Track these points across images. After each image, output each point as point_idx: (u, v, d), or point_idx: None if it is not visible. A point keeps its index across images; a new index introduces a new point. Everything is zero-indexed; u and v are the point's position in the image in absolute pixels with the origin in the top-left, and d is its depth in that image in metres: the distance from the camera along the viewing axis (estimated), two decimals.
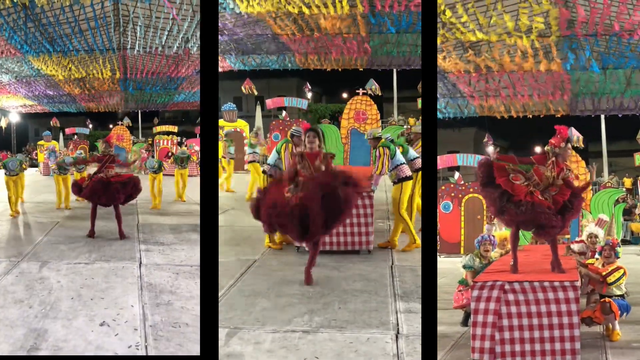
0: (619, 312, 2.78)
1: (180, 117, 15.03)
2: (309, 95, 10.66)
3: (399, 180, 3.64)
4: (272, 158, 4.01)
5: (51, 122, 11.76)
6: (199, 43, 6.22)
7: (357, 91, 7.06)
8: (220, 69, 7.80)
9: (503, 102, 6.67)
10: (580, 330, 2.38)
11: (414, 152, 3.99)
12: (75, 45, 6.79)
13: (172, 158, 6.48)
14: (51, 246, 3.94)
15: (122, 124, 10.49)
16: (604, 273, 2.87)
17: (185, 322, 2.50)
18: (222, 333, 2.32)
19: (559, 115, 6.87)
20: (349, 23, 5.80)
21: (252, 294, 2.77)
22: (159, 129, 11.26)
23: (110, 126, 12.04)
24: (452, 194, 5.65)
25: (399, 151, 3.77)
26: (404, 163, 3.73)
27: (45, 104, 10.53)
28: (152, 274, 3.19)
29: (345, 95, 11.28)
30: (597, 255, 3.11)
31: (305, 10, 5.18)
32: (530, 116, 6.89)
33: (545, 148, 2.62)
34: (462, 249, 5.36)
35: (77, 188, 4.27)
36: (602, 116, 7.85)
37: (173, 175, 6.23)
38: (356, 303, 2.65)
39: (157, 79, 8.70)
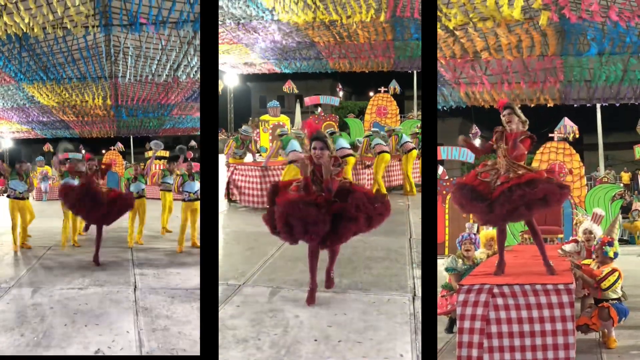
0: (617, 317, 2.63)
1: (171, 142, 15.85)
2: (341, 94, 12.87)
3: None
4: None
5: (44, 148, 12.04)
6: (193, 64, 6.57)
7: (379, 90, 8.43)
8: (266, 71, 8.78)
9: (490, 90, 6.48)
10: (575, 337, 2.24)
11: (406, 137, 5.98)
12: (68, 74, 6.98)
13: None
14: (44, 271, 3.89)
15: (114, 149, 10.93)
16: (598, 277, 2.71)
17: (183, 348, 2.49)
18: (266, 291, 2.76)
19: (550, 105, 6.64)
20: (377, 31, 6.23)
21: (292, 259, 3.23)
22: (150, 153, 11.50)
23: (103, 151, 12.36)
24: None
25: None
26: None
27: (38, 130, 10.77)
28: (148, 298, 3.21)
29: (371, 93, 12.67)
30: (593, 256, 2.95)
31: (338, 20, 5.74)
32: (519, 105, 6.86)
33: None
34: (446, 249, 5.16)
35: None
36: (598, 105, 7.66)
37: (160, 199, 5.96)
38: (379, 269, 3.16)
39: (148, 106, 9.05)
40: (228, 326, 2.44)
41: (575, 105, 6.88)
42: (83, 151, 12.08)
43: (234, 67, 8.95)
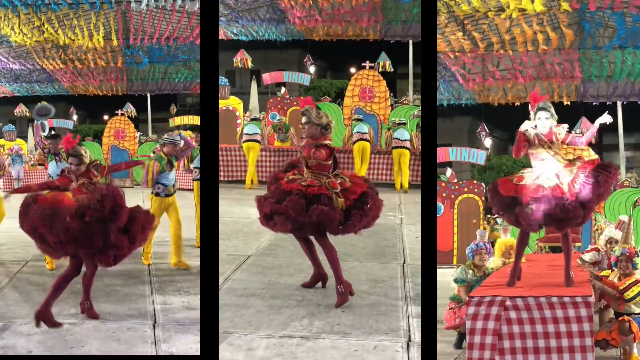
0: None
1: None
2: (312, 69, 9.43)
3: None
4: None
5: (15, 111, 7.94)
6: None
7: (364, 65, 6.41)
8: None
9: (502, 87, 6.00)
10: (594, 354, 2.11)
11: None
12: None
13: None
14: (19, 297, 2.70)
15: (123, 114, 6.96)
16: (620, 288, 2.55)
17: None
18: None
19: (567, 102, 6.30)
20: None
21: (244, 294, 2.55)
22: (177, 121, 8.10)
23: (106, 117, 8.50)
24: (444, 194, 5.02)
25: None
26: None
27: (6, 83, 6.85)
28: (173, 339, 2.26)
29: (353, 70, 9.88)
30: (613, 267, 2.76)
31: None
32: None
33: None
34: (454, 258, 4.83)
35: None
36: (619, 103, 7.07)
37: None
38: (362, 306, 2.46)
39: (174, 48, 5.85)
40: None
41: (594, 103, 6.52)
42: (75, 117, 7.96)
43: None
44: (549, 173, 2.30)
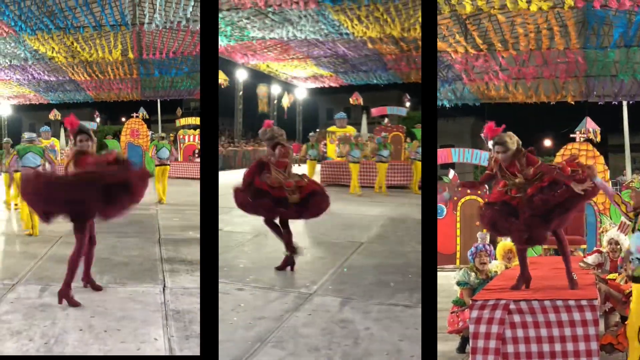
0: None
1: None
2: (408, 104, 13.42)
3: None
4: None
5: (50, 115, 9.79)
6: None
7: None
8: (335, 85, 9.71)
9: (505, 86, 6.11)
10: (599, 358, 2.08)
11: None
12: (81, 21, 5.43)
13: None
14: (54, 265, 3.26)
15: (137, 116, 9.01)
16: (626, 291, 2.50)
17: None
18: (335, 301, 2.76)
19: (572, 102, 6.29)
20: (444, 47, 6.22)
21: (360, 271, 3.32)
22: (182, 121, 9.73)
23: (123, 119, 10.37)
24: None
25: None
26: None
27: (43, 92, 8.59)
28: (180, 300, 2.71)
29: None
30: (619, 268, 2.75)
31: (404, 34, 6.16)
32: (539, 103, 6.41)
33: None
34: (457, 260, 4.83)
35: None
36: (625, 102, 7.04)
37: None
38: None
39: (181, 60, 7.08)
40: None
41: (599, 102, 6.41)
42: (98, 119, 9.78)
43: (304, 82, 9.89)
44: (519, 188, 2.30)
